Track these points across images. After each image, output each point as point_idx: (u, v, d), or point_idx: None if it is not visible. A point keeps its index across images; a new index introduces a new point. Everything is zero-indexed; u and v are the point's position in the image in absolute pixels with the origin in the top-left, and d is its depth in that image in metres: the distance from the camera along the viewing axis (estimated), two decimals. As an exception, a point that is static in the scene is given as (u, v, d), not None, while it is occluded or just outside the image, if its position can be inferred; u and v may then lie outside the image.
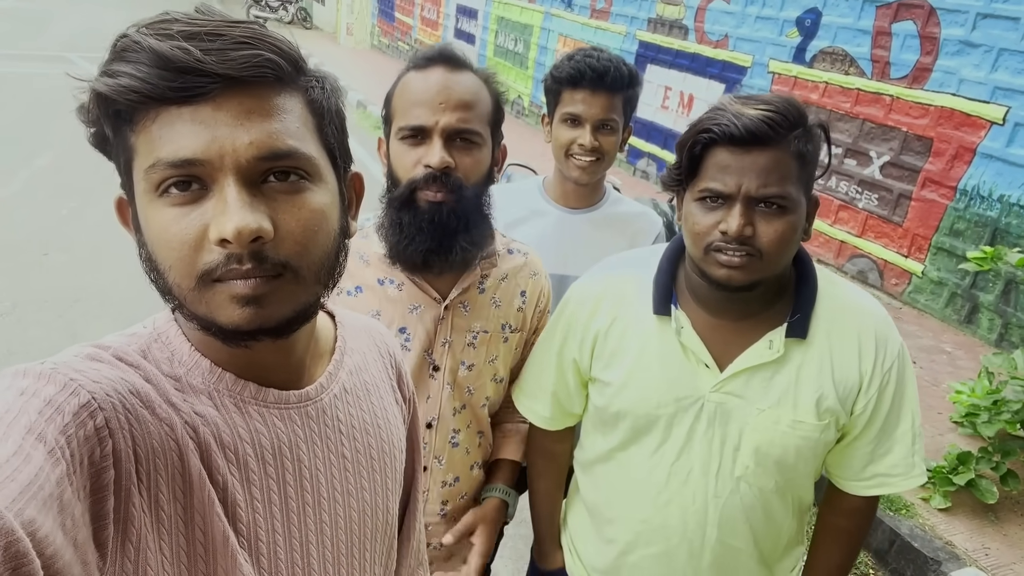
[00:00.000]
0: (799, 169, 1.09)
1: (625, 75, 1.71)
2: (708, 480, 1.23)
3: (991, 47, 4.45)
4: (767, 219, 1.08)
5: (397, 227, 1.25)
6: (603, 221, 1.88)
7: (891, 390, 1.19)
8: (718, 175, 1.09)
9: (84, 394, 0.58)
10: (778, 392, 1.18)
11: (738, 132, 1.05)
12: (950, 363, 4.22)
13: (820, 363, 1.18)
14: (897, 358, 1.19)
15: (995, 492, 2.94)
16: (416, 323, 1.32)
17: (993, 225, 4.46)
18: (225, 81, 0.61)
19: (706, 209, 1.12)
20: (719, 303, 1.20)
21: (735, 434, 1.20)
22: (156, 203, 0.63)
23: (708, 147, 1.11)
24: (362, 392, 0.86)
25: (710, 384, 1.20)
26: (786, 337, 1.18)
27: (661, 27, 7.41)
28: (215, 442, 0.68)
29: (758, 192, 1.07)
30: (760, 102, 1.08)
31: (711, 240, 1.11)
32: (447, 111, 1.20)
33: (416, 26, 13.71)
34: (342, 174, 0.75)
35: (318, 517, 0.77)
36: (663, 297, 1.24)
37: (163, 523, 0.62)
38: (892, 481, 1.24)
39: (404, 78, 1.28)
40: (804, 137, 1.08)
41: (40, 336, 3.96)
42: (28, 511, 0.48)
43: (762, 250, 1.08)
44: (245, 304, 0.63)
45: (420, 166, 1.21)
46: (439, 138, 1.21)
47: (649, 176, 7.71)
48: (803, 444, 1.19)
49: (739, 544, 1.26)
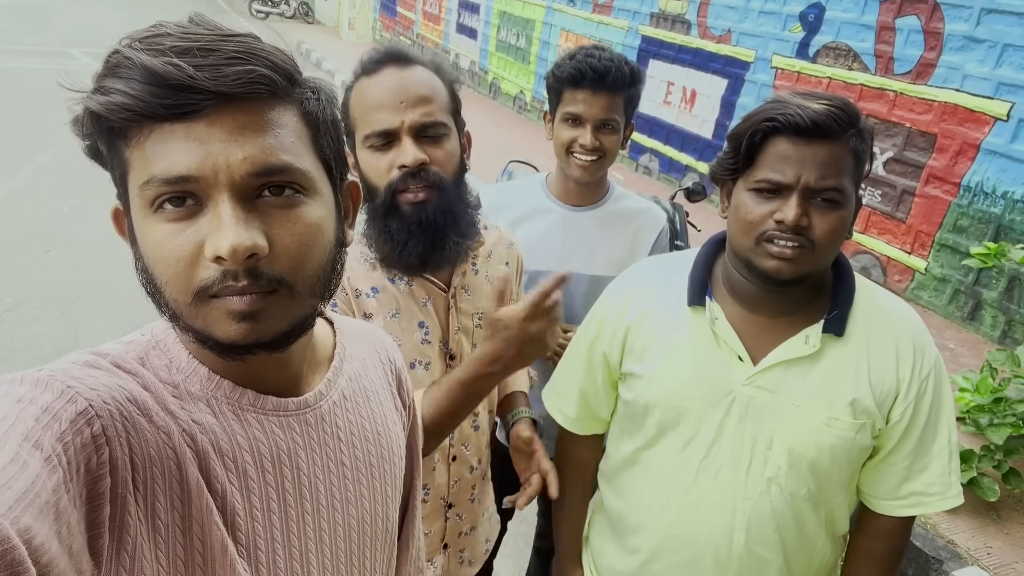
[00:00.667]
0: (854, 166, 1.11)
1: (626, 75, 1.70)
2: (738, 478, 1.20)
3: (995, 43, 4.42)
4: (821, 212, 1.09)
5: (387, 235, 1.24)
6: (606, 218, 1.87)
7: (928, 400, 1.17)
8: (778, 165, 1.09)
9: (81, 401, 0.57)
10: (813, 388, 1.17)
11: (804, 123, 1.06)
12: (953, 360, 4.21)
13: (857, 362, 1.17)
14: (934, 367, 1.18)
15: (997, 490, 2.93)
16: (431, 316, 1.34)
17: (997, 222, 4.45)
18: (218, 97, 0.61)
19: (761, 199, 1.12)
20: (757, 299, 1.20)
21: (767, 432, 1.18)
22: (152, 218, 0.63)
23: (768, 137, 1.11)
24: (362, 399, 0.85)
25: (743, 377, 1.19)
26: (823, 333, 1.17)
27: (664, 22, 7.39)
28: (213, 450, 0.67)
29: (817, 184, 1.07)
30: (821, 97, 1.10)
31: (764, 229, 1.11)
32: (408, 108, 1.19)
33: (418, 20, 13.68)
34: (338, 184, 0.75)
35: (317, 525, 0.77)
36: (698, 289, 1.24)
37: (160, 532, 0.62)
38: (928, 500, 1.20)
39: (356, 86, 1.27)
40: (860, 136, 1.10)
41: (42, 333, 3.97)
42: (24, 519, 0.47)
43: (815, 242, 1.09)
44: (241, 320, 0.63)
45: (395, 169, 1.21)
46: (408, 137, 1.20)
47: (651, 172, 7.70)
48: (837, 444, 1.16)
49: (767, 555, 1.23)
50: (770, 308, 1.20)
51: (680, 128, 7.22)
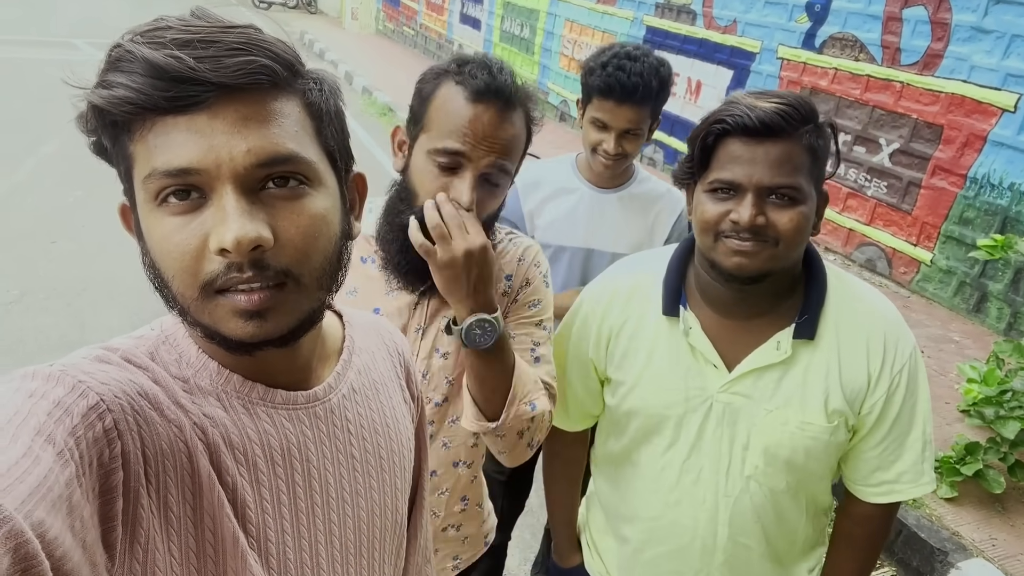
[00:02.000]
0: (810, 162, 1.10)
1: (654, 88, 1.77)
2: (719, 479, 1.24)
3: (1003, 33, 4.40)
4: (779, 209, 1.09)
5: (399, 246, 1.22)
6: (629, 200, 1.99)
7: (901, 394, 1.19)
8: (730, 165, 1.10)
9: (93, 396, 0.58)
10: (786, 393, 1.18)
11: (751, 123, 1.07)
12: (958, 352, 4.20)
13: (828, 364, 1.18)
14: (908, 360, 1.19)
15: (1002, 482, 2.93)
16: (391, 306, 1.29)
17: (1003, 213, 4.43)
18: (220, 89, 0.60)
19: (717, 200, 1.12)
20: (728, 301, 1.20)
21: (744, 434, 1.21)
22: (156, 212, 0.63)
23: (720, 138, 1.12)
24: (371, 391, 0.86)
25: (718, 384, 1.21)
26: (794, 338, 1.17)
27: (669, 12, 7.35)
28: (224, 443, 0.68)
29: (771, 182, 1.07)
30: (773, 96, 1.10)
31: (722, 229, 1.11)
32: (491, 154, 1.16)
33: (421, 11, 13.63)
34: (343, 176, 0.75)
35: (327, 517, 0.77)
36: (672, 298, 1.24)
37: (172, 524, 0.63)
38: (900, 488, 1.24)
39: (449, 90, 1.18)
40: (815, 132, 1.10)
41: (49, 324, 3.98)
42: (37, 513, 0.48)
43: (778, 237, 1.09)
44: (249, 318, 0.63)
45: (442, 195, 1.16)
46: (472, 176, 1.15)
47: (656, 163, 7.68)
48: (813, 445, 1.19)
49: (751, 543, 1.27)
50: (742, 311, 1.20)
51: (685, 119, 7.20)
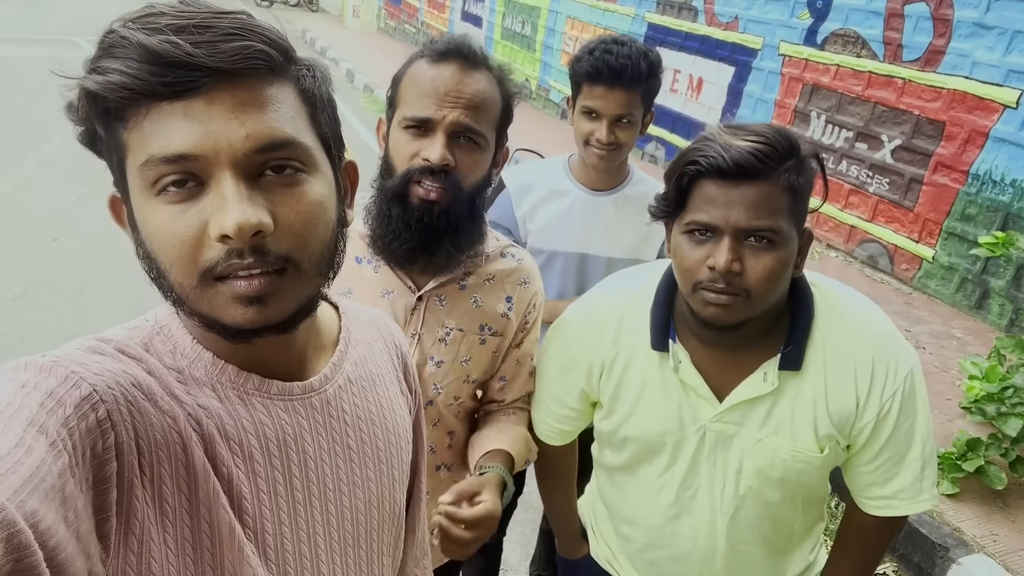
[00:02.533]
0: (790, 203, 1.05)
1: (643, 70, 1.72)
2: (714, 498, 1.25)
3: (1005, 29, 4.38)
4: (756, 254, 1.04)
5: (385, 219, 1.23)
6: (624, 202, 1.92)
7: (892, 419, 1.16)
8: (705, 207, 1.05)
9: (86, 387, 0.57)
10: (776, 423, 1.18)
11: (725, 165, 1.01)
12: (960, 349, 4.19)
13: (815, 393, 1.17)
14: (902, 384, 1.15)
15: (1004, 478, 2.93)
16: (386, 309, 1.28)
17: (1005, 210, 4.42)
18: (216, 74, 0.60)
19: (694, 243, 1.08)
20: (711, 337, 1.18)
21: (736, 459, 1.21)
22: (152, 201, 0.62)
23: (695, 179, 1.07)
24: (367, 383, 0.85)
25: (709, 415, 1.21)
26: (779, 369, 1.16)
27: (670, 9, 7.34)
28: (219, 434, 0.68)
29: (747, 224, 1.03)
30: (750, 132, 1.04)
31: (699, 278, 1.08)
32: (456, 108, 1.17)
33: (423, 8, 13.62)
34: (337, 163, 0.75)
35: (324, 508, 0.77)
36: (660, 332, 1.22)
37: (167, 515, 0.62)
38: (897, 504, 1.22)
39: (415, 65, 1.24)
40: (796, 170, 1.04)
41: (50, 321, 3.99)
42: (30, 503, 0.47)
43: (749, 289, 1.05)
44: (249, 304, 0.63)
45: (419, 158, 1.19)
46: (443, 133, 1.18)
47: (657, 160, 7.67)
48: (806, 468, 1.19)
49: (749, 549, 1.29)
50: (728, 344, 1.18)
51: (686, 116, 7.19)
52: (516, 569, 2.70)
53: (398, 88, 1.25)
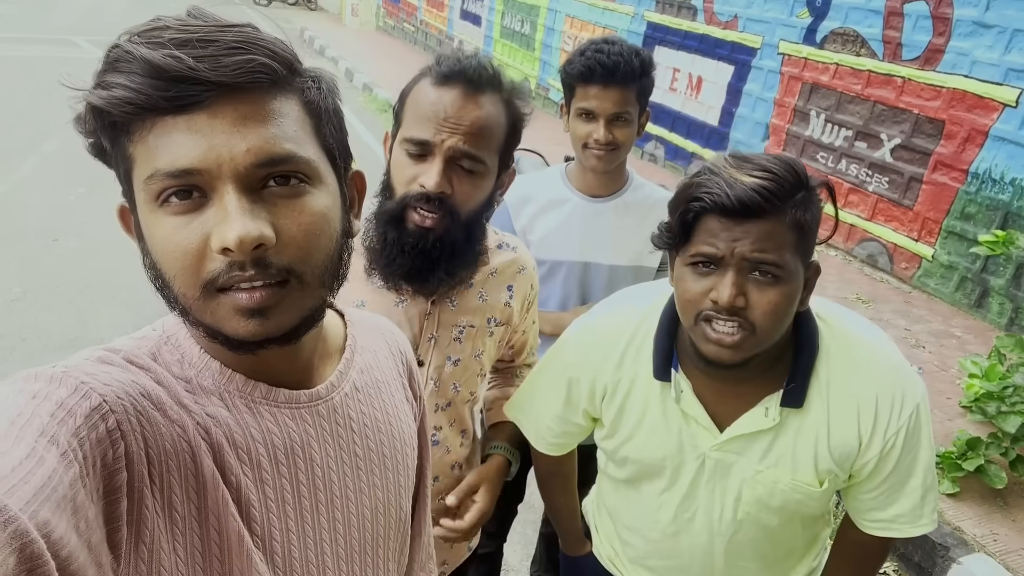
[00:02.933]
0: (797, 239, 1.02)
1: (636, 67, 1.71)
2: (712, 521, 1.26)
3: (1004, 28, 4.38)
4: (760, 288, 1.02)
5: (381, 241, 1.23)
6: (625, 208, 1.89)
7: (896, 454, 1.15)
8: (710, 240, 1.03)
9: (95, 397, 0.58)
10: (776, 456, 1.18)
11: (729, 203, 0.98)
12: (960, 348, 4.20)
13: (817, 431, 1.15)
14: (908, 421, 1.13)
15: (1004, 477, 2.93)
16: (401, 317, 1.29)
17: (1005, 209, 4.42)
18: (219, 88, 0.60)
19: (697, 275, 1.06)
20: (713, 372, 1.16)
21: (735, 487, 1.21)
22: (157, 213, 0.63)
23: (699, 215, 1.04)
24: (373, 390, 0.86)
25: (709, 444, 1.20)
26: (781, 406, 1.14)
27: (670, 8, 7.33)
28: (227, 442, 0.68)
29: (752, 255, 1.00)
30: (756, 167, 1.00)
31: (701, 309, 1.05)
32: (455, 134, 1.16)
33: (422, 7, 13.61)
34: (342, 174, 0.75)
35: (331, 515, 0.78)
36: (663, 362, 1.20)
37: (177, 524, 0.63)
38: (897, 527, 1.21)
39: (420, 84, 1.22)
40: (803, 205, 1.01)
41: (51, 322, 3.99)
42: (42, 513, 0.48)
43: (754, 323, 1.02)
44: (250, 316, 0.63)
45: (416, 183, 1.18)
46: (441, 159, 1.17)
47: (657, 159, 7.67)
48: (803, 500, 1.19)
49: (748, 565, 1.31)
50: (730, 378, 1.16)
51: (686, 115, 7.19)
52: (517, 570, 2.71)
53: (403, 105, 1.25)
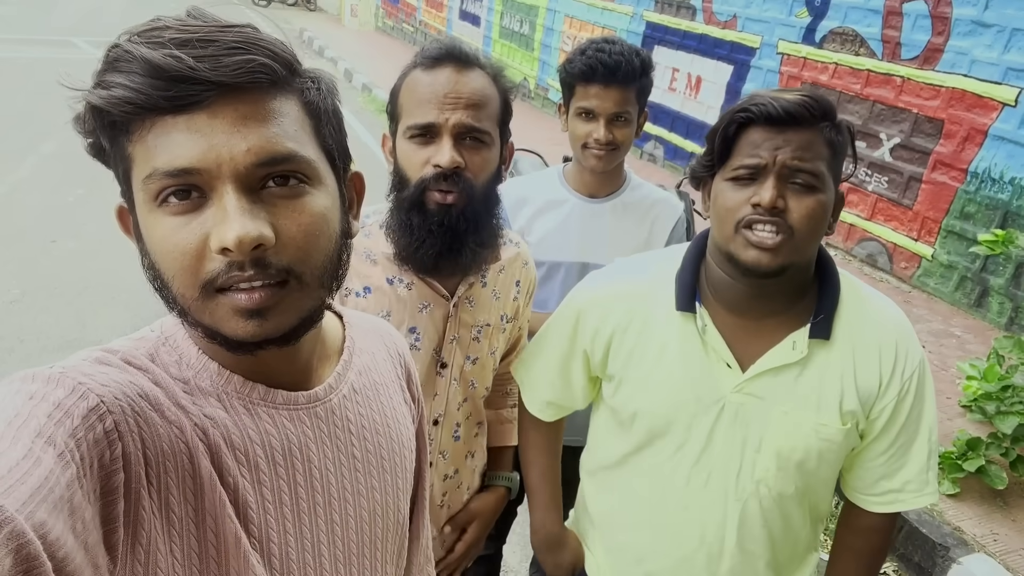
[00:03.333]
0: (830, 155, 1.11)
1: (637, 67, 1.72)
2: (728, 482, 1.22)
3: (1004, 27, 4.39)
4: (798, 196, 1.09)
5: (407, 229, 1.24)
6: (623, 209, 1.89)
7: (909, 401, 1.18)
8: (753, 151, 1.10)
9: (93, 398, 0.58)
10: (801, 394, 1.17)
11: (775, 111, 1.08)
12: (959, 347, 4.20)
13: (843, 364, 1.17)
14: (918, 367, 1.18)
15: (1004, 478, 2.93)
16: (427, 322, 1.32)
17: (1004, 208, 4.42)
18: (219, 88, 0.60)
19: (739, 186, 1.12)
20: (742, 299, 1.19)
21: (756, 436, 1.19)
22: (156, 212, 0.63)
23: (743, 128, 1.12)
24: (371, 392, 0.86)
25: (731, 384, 1.19)
26: (809, 338, 1.16)
27: (668, 7, 7.34)
28: (225, 444, 0.68)
29: (792, 162, 1.08)
30: (794, 91, 1.12)
31: (742, 216, 1.10)
32: (457, 110, 1.19)
33: (420, 7, 13.61)
34: (342, 174, 0.75)
35: (329, 517, 0.77)
36: (687, 294, 1.22)
37: (174, 525, 0.63)
38: (904, 498, 1.23)
39: (411, 75, 1.26)
40: (835, 128, 1.12)
41: (49, 323, 3.98)
42: (39, 514, 0.48)
43: (793, 227, 1.08)
44: (249, 317, 0.63)
45: (429, 165, 1.20)
46: (449, 137, 1.20)
47: (656, 159, 7.67)
48: (825, 448, 1.18)
49: (756, 550, 1.26)
50: (756, 311, 1.19)
51: (685, 115, 7.19)
52: (516, 571, 2.71)
53: (397, 100, 1.27)
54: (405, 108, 1.25)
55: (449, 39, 1.29)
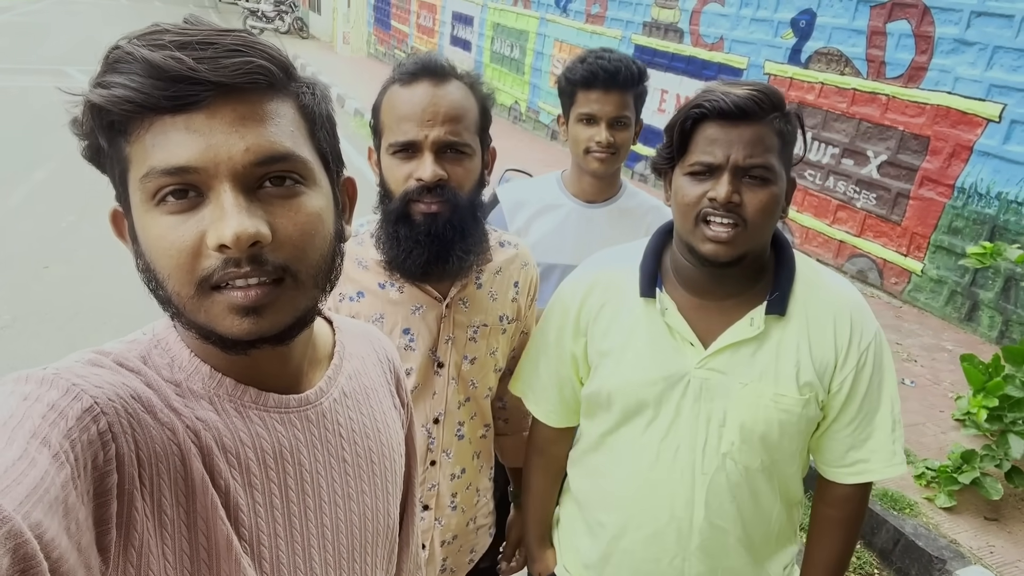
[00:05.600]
0: (780, 145, 1.18)
1: (635, 73, 1.82)
2: (695, 456, 1.27)
3: (986, 45, 4.46)
4: (752, 189, 1.15)
5: (394, 240, 1.27)
6: (619, 214, 1.95)
7: (868, 371, 1.24)
8: (708, 147, 1.17)
9: (87, 399, 0.58)
10: (760, 367, 1.23)
11: (727, 107, 1.14)
12: (951, 361, 4.22)
13: (798, 338, 1.24)
14: (873, 339, 1.25)
15: (1000, 489, 2.93)
16: (419, 323, 1.34)
17: (992, 222, 4.47)
18: (218, 89, 0.61)
19: (695, 181, 1.18)
20: (703, 283, 1.26)
21: (720, 410, 1.25)
22: (153, 212, 0.63)
23: (698, 123, 1.19)
24: (361, 396, 0.86)
25: (695, 361, 1.25)
26: (766, 314, 1.23)
27: (656, 31, 7.43)
28: (216, 446, 0.68)
29: (745, 162, 1.14)
30: (745, 84, 1.19)
31: (700, 209, 1.17)
32: (435, 125, 1.22)
33: (412, 34, 13.75)
34: (335, 178, 0.76)
35: (319, 520, 0.77)
36: (649, 280, 1.30)
37: (166, 527, 0.63)
38: (873, 468, 1.28)
39: (389, 91, 1.29)
40: (784, 118, 1.19)
41: (40, 350, 3.96)
42: (35, 514, 0.48)
43: (747, 219, 1.15)
44: (245, 314, 0.64)
45: (412, 179, 1.23)
46: (429, 152, 1.23)
47: (647, 179, 7.72)
48: (786, 419, 1.23)
49: (726, 526, 1.29)
50: (716, 292, 1.26)
51: (675, 135, 7.25)
52: None
53: (379, 116, 1.31)
54: (386, 124, 1.28)
55: (425, 53, 1.31)
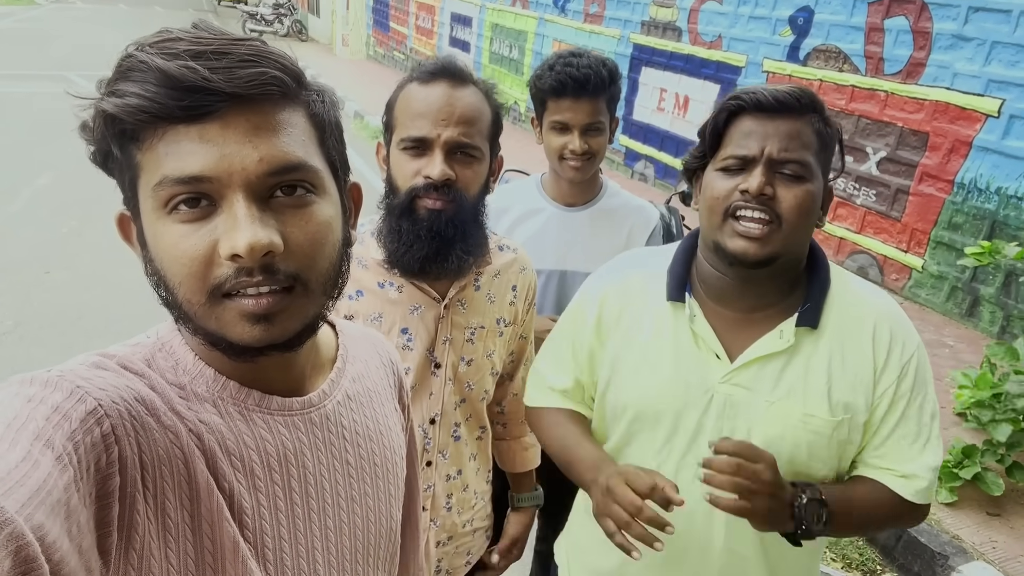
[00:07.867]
0: (818, 145, 1.13)
1: (605, 77, 1.75)
2: None
3: (984, 40, 4.46)
4: (787, 184, 1.10)
5: (396, 234, 1.27)
6: (600, 216, 1.91)
7: (908, 384, 1.15)
8: (743, 141, 1.12)
9: (91, 401, 0.58)
10: (787, 384, 1.15)
11: (765, 99, 1.11)
12: (953, 356, 4.22)
13: (831, 354, 1.16)
14: (917, 350, 1.17)
15: (1001, 484, 2.94)
16: (417, 323, 1.35)
17: (991, 217, 4.47)
18: (232, 99, 0.62)
19: (727, 176, 1.13)
20: (731, 291, 1.19)
21: (744, 429, 1.16)
22: (165, 220, 0.63)
23: (734, 116, 1.15)
24: (364, 399, 0.86)
25: (720, 375, 1.18)
26: (797, 326, 1.15)
27: (655, 29, 7.43)
28: (220, 449, 0.68)
29: (780, 155, 1.09)
30: (784, 86, 1.14)
31: (730, 203, 1.11)
32: (449, 126, 1.23)
33: (411, 35, 13.75)
34: (343, 185, 0.77)
35: (323, 523, 0.78)
36: (678, 284, 1.23)
37: (170, 530, 0.63)
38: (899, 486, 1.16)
39: (407, 88, 1.30)
40: (823, 120, 1.14)
41: (42, 355, 3.97)
42: (37, 516, 0.48)
43: (781, 215, 1.09)
44: (256, 322, 0.64)
45: (420, 176, 1.24)
46: (440, 151, 1.24)
47: (647, 179, 7.72)
48: (814, 440, 1.15)
49: (747, 552, 1.21)
50: (744, 303, 1.19)
51: (674, 134, 7.26)
52: None
53: (393, 112, 1.31)
54: (400, 120, 1.29)
55: (446, 56, 1.32)
